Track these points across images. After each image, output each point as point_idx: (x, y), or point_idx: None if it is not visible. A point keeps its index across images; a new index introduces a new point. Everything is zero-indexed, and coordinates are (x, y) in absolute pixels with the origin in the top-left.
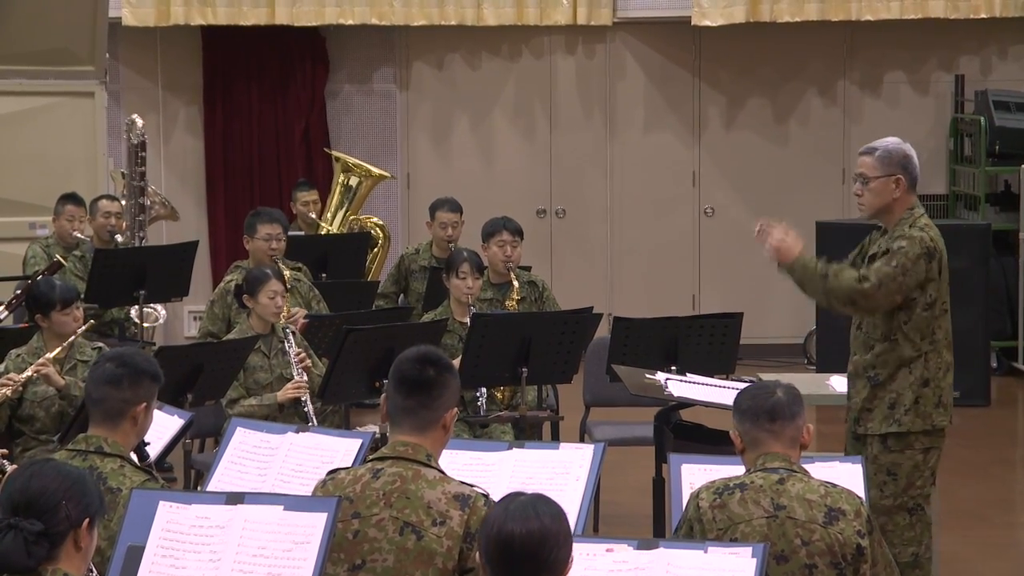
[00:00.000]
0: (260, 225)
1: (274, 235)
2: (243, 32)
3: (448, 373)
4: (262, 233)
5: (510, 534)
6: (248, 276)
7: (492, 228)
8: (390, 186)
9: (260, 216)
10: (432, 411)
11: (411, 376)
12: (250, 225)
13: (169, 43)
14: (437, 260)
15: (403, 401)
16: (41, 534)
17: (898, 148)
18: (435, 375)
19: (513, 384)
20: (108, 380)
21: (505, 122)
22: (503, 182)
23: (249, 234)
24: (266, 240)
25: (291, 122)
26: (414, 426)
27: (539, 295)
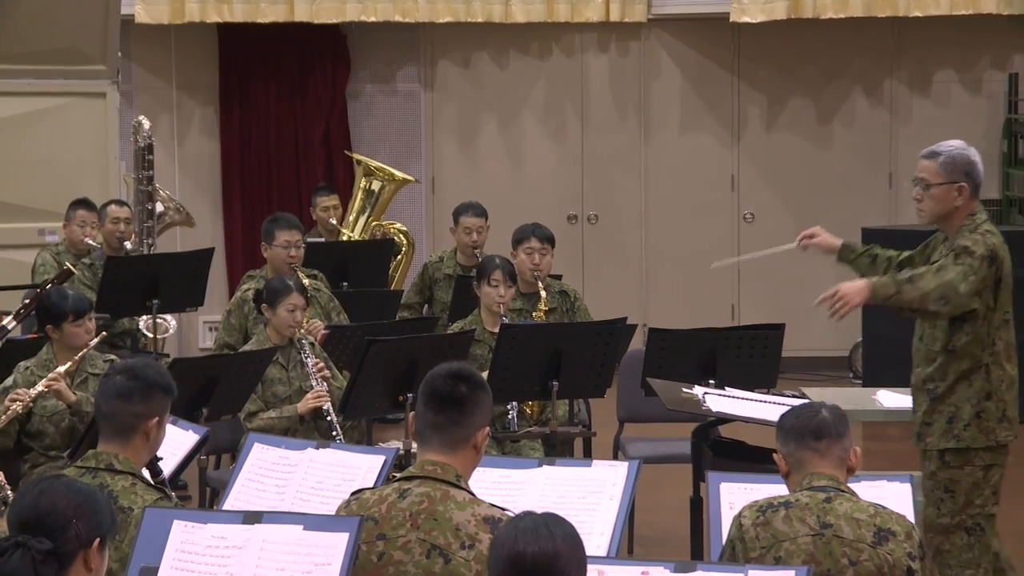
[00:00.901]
0: (278, 231)
1: (293, 242)
2: (261, 30)
3: (481, 390)
4: (280, 240)
5: (521, 554)
6: (269, 285)
7: (521, 235)
8: (414, 191)
9: (278, 222)
10: (463, 429)
11: (442, 392)
12: (268, 231)
13: (184, 41)
14: (462, 268)
15: (433, 417)
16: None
17: (962, 154)
18: (467, 392)
19: (543, 398)
20: (119, 394)
21: (534, 123)
22: (532, 186)
23: (267, 241)
24: (284, 247)
25: (311, 124)
26: (444, 444)
27: (570, 305)
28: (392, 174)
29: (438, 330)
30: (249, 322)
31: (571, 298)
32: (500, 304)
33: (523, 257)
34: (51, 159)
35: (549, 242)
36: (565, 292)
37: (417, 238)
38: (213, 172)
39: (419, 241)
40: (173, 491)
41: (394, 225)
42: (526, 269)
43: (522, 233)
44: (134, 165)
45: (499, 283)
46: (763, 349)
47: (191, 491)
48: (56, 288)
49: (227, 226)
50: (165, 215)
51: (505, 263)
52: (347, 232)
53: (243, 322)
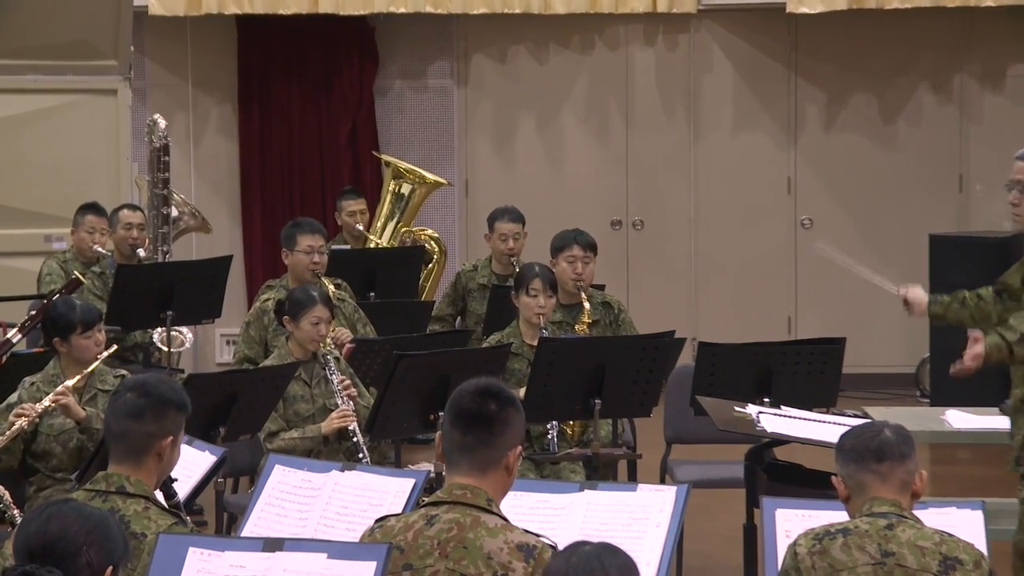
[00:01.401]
0: (300, 236)
1: (316, 247)
2: (283, 22)
3: (511, 407)
4: (303, 245)
5: None
6: (291, 296)
7: (561, 242)
8: (446, 194)
9: (300, 227)
10: (493, 450)
11: (470, 410)
12: (289, 236)
13: (200, 35)
14: (498, 277)
15: (461, 438)
16: None
17: None
18: (497, 409)
19: (585, 418)
20: (130, 412)
21: (575, 122)
22: (573, 190)
23: (288, 247)
24: (307, 253)
25: (336, 123)
26: (473, 466)
27: (614, 317)
28: (423, 176)
29: (472, 344)
30: (269, 334)
31: (615, 310)
32: (540, 315)
33: (564, 266)
34: (58, 161)
35: (592, 250)
36: (609, 303)
37: (449, 245)
38: (231, 175)
39: (451, 248)
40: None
41: (425, 231)
42: (567, 278)
43: (563, 240)
44: (147, 167)
45: (538, 292)
46: (822, 365)
47: (207, 516)
48: (64, 298)
49: (246, 232)
50: (180, 220)
51: (545, 271)
52: (374, 239)
53: (263, 334)
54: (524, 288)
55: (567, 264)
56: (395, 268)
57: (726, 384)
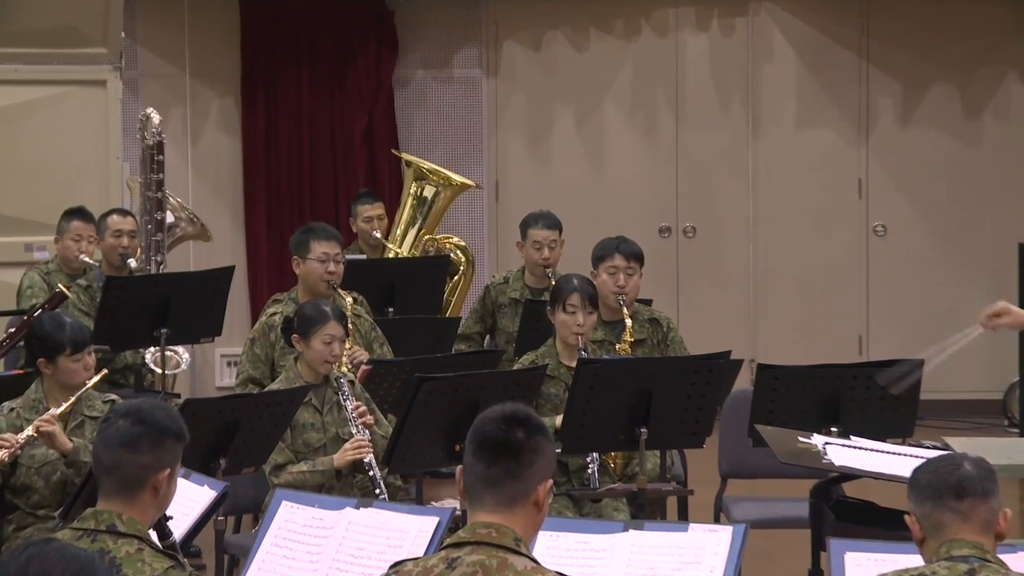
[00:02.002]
0: (314, 243)
1: (331, 255)
2: (291, 5)
3: (540, 435)
4: (317, 253)
5: None
6: (301, 312)
7: (603, 251)
8: (474, 198)
9: (313, 232)
10: (521, 483)
11: (495, 439)
12: (300, 243)
13: (199, 19)
14: (532, 291)
15: (485, 470)
16: None
17: None
18: (524, 438)
19: (629, 449)
20: (122, 442)
21: (619, 117)
22: (616, 193)
23: (299, 254)
24: (321, 262)
25: (350, 118)
26: (499, 502)
27: (662, 336)
28: (448, 178)
29: (503, 365)
30: (276, 352)
31: (663, 327)
32: (578, 335)
33: (605, 278)
34: (40, 160)
35: (637, 260)
36: (656, 320)
37: (477, 255)
38: (234, 175)
39: (480, 258)
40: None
41: (450, 239)
42: (609, 292)
43: (604, 249)
44: (140, 167)
45: (577, 309)
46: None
47: (206, 559)
48: (50, 315)
49: (250, 241)
50: (176, 227)
51: (585, 284)
52: (393, 247)
53: (269, 352)
54: (561, 304)
55: (609, 276)
56: (416, 280)
57: (788, 411)
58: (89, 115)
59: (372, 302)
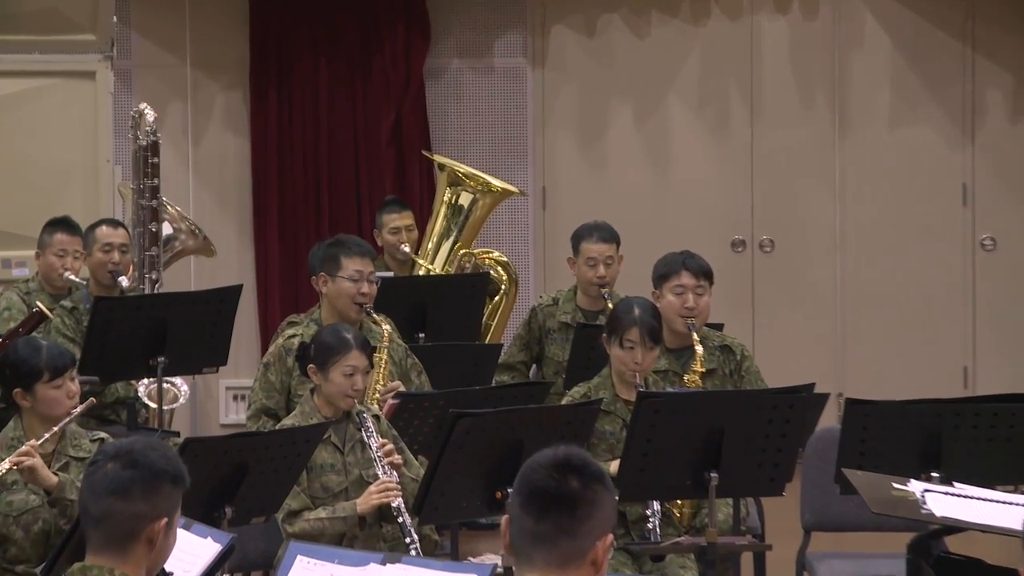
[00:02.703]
0: (345, 259)
1: (365, 274)
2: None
3: (599, 484)
4: (348, 271)
5: None
6: (319, 339)
7: (667, 269)
8: (517, 206)
9: (345, 247)
10: (576, 540)
11: (546, 488)
12: (329, 259)
13: (203, 2)
14: (584, 314)
15: (535, 525)
16: None
17: None
18: (580, 488)
19: (697, 497)
20: (113, 487)
21: (685, 113)
22: (682, 201)
23: (328, 271)
24: (353, 281)
25: (376, 115)
26: (550, 562)
27: (735, 366)
28: (487, 183)
29: (551, 400)
30: (294, 380)
31: (737, 356)
32: (635, 373)
33: (671, 299)
34: (19, 163)
35: (706, 278)
36: (729, 347)
37: (522, 272)
38: (241, 181)
39: (524, 276)
40: None
41: (490, 254)
42: (675, 315)
43: (669, 266)
44: (133, 171)
45: (635, 345)
46: (1008, 430)
47: None
48: (26, 339)
49: (260, 256)
50: (175, 240)
51: (646, 317)
52: (424, 263)
53: (286, 380)
54: (618, 337)
55: (675, 297)
56: (451, 301)
57: (882, 454)
58: (75, 111)
59: (400, 326)
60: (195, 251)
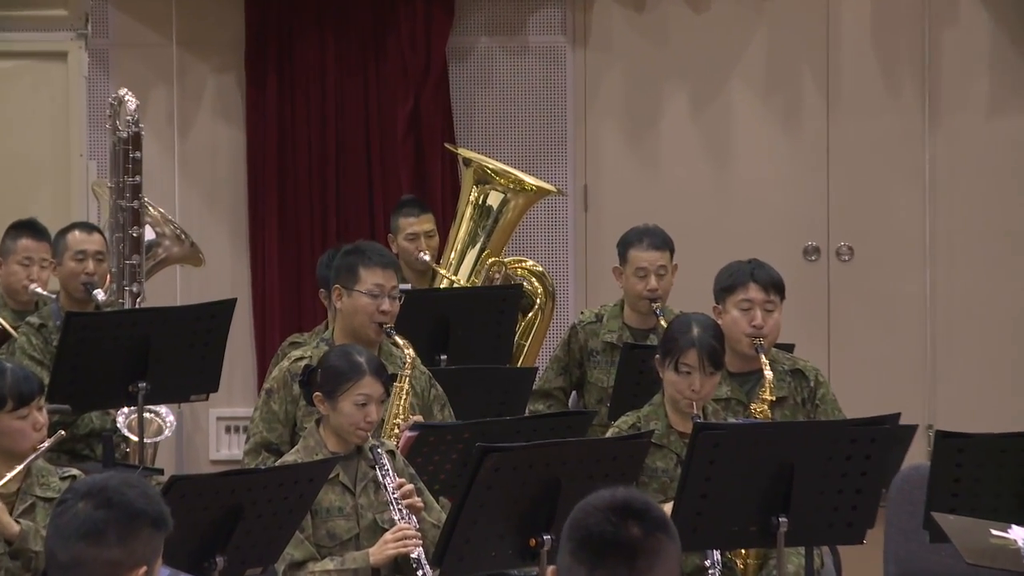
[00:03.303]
0: (365, 270)
1: (387, 288)
2: None
3: (662, 532)
4: (368, 284)
5: None
6: (326, 363)
7: (732, 280)
8: (555, 207)
9: (365, 256)
10: None
11: (603, 535)
12: (346, 269)
13: None
14: (632, 332)
15: (589, 575)
16: None
17: None
18: (642, 536)
19: (763, 545)
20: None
21: (750, 99)
22: (746, 201)
23: (344, 284)
24: (373, 296)
25: (391, 102)
26: None
27: (809, 393)
28: (520, 181)
29: (593, 432)
30: (300, 411)
31: (810, 381)
32: (692, 402)
33: (736, 315)
34: None
35: (777, 291)
36: (801, 372)
37: (560, 284)
38: (235, 178)
39: (563, 289)
40: None
41: (523, 263)
42: (741, 335)
43: (735, 277)
44: (111, 167)
45: (693, 370)
46: None
47: None
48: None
49: (256, 265)
50: (158, 247)
51: (706, 338)
52: (447, 274)
53: (291, 410)
54: (672, 360)
55: (741, 313)
56: (478, 318)
57: (978, 495)
58: (45, 98)
59: (419, 347)
60: (181, 260)
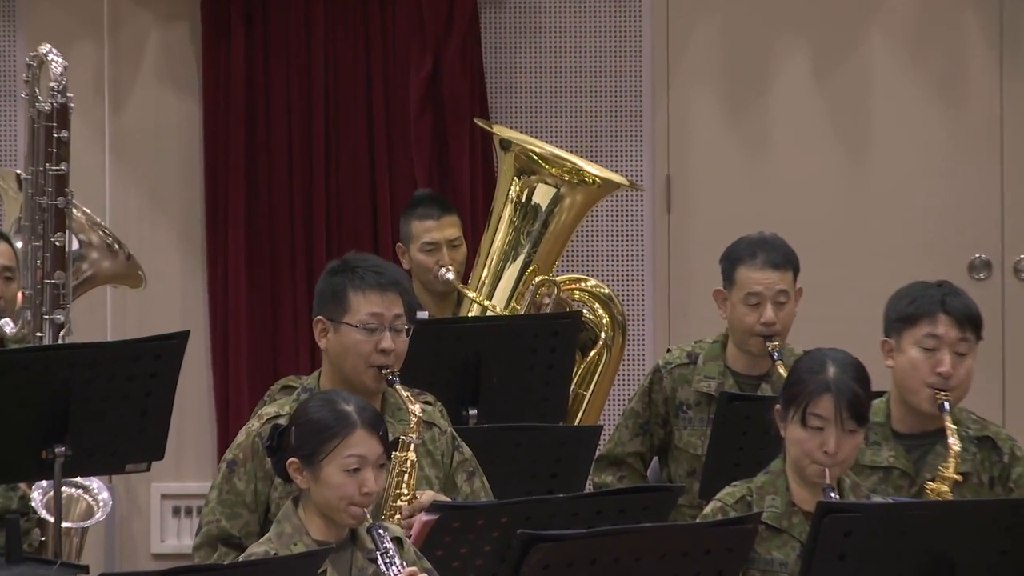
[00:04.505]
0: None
1: (387, 319)
2: None
3: None
4: (362, 314)
5: None
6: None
7: (916, 308)
8: (627, 207)
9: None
10: None
11: None
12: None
13: None
14: (739, 379)
15: None
16: None
17: None
18: None
19: None
20: None
21: (895, 62)
22: (891, 201)
23: (330, 314)
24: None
25: (403, 63)
26: None
27: (1001, 471)
28: (578, 171)
29: (680, 513)
30: (276, 491)
31: (1003, 455)
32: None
33: (915, 356)
34: None
35: (974, 329)
36: (992, 442)
37: (634, 312)
38: (188, 166)
39: (637, 319)
40: None
41: (583, 284)
42: (920, 384)
43: (919, 305)
44: (28, 151)
45: (827, 423)
46: None
47: None
48: None
49: (216, 285)
50: (82, 260)
51: (846, 381)
52: (476, 297)
53: (264, 490)
54: (799, 409)
55: (922, 354)
56: (520, 358)
57: None
58: None
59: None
60: (113, 278)
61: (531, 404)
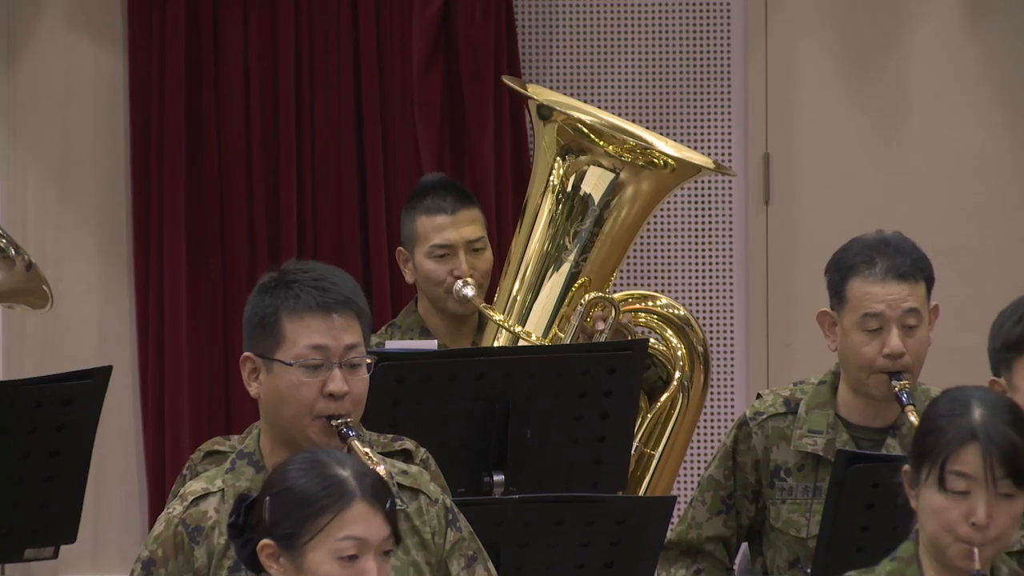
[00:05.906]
0: (292, 320)
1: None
2: None
3: None
4: (299, 347)
5: None
6: (282, 482)
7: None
8: (712, 197)
9: (292, 293)
10: None
11: None
12: (258, 323)
13: None
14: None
15: None
16: None
17: None
18: None
19: None
20: None
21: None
22: None
23: (261, 353)
24: (310, 370)
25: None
26: None
27: None
28: (645, 150)
29: None
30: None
31: None
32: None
33: None
34: None
35: None
36: None
37: (719, 343)
38: (109, 147)
39: (723, 351)
40: None
41: (652, 302)
42: None
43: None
44: None
45: (974, 485)
46: None
47: None
48: None
49: (145, 304)
50: None
51: (999, 429)
52: (504, 321)
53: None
54: (936, 467)
55: None
56: (564, 403)
57: None
58: None
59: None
60: (10, 296)
61: (579, 467)
